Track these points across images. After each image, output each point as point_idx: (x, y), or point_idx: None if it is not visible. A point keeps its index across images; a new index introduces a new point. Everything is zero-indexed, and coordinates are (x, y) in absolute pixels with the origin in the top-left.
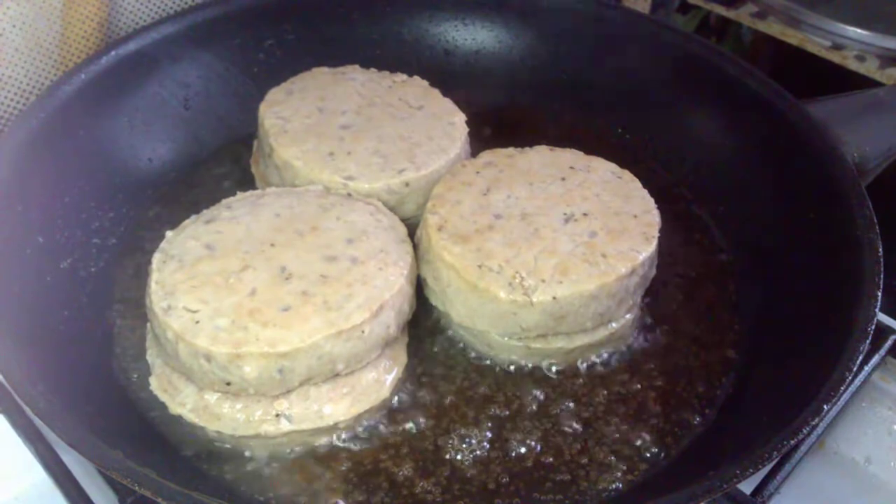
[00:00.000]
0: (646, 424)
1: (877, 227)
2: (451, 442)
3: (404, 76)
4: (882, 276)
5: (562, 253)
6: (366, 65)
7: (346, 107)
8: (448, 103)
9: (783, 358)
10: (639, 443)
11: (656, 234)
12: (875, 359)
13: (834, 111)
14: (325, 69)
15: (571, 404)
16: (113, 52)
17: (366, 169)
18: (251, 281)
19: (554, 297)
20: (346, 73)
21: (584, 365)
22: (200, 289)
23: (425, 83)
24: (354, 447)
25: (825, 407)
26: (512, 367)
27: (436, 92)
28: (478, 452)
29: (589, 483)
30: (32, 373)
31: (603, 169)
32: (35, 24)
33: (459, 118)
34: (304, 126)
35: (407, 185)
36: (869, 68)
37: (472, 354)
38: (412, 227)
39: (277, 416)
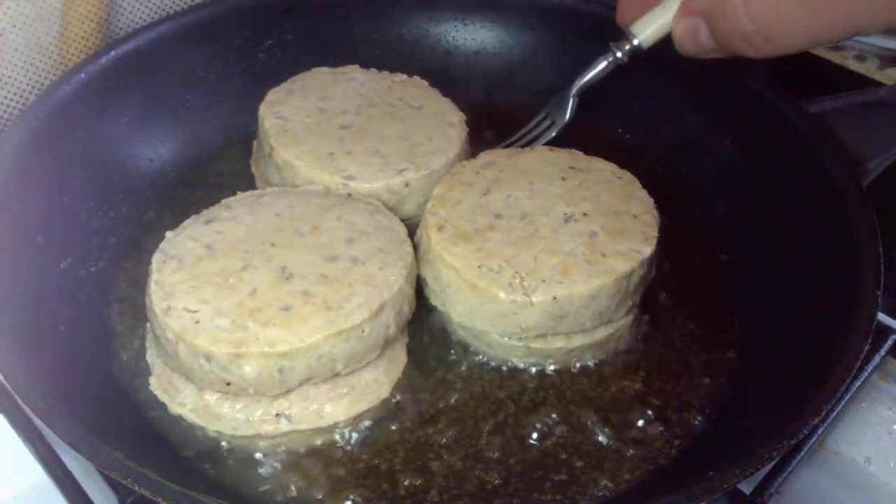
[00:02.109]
0: (646, 424)
1: (877, 227)
2: (450, 442)
3: (404, 76)
4: (882, 276)
5: (562, 253)
6: (366, 65)
7: (347, 107)
8: (447, 103)
9: (783, 358)
10: (639, 443)
11: (656, 235)
12: (875, 359)
13: (834, 111)
14: (325, 69)
15: (571, 405)
16: (112, 52)
17: (366, 169)
18: (251, 281)
19: (554, 298)
20: (347, 73)
21: (584, 365)
22: (200, 289)
23: (425, 83)
24: (354, 447)
25: (825, 407)
26: (512, 367)
27: (435, 92)
28: (477, 452)
29: (588, 483)
30: (32, 373)
31: (603, 169)
32: (34, 24)
33: (459, 118)
34: (304, 126)
35: (407, 185)
36: (869, 68)
37: (472, 354)
38: (412, 227)
39: (277, 415)
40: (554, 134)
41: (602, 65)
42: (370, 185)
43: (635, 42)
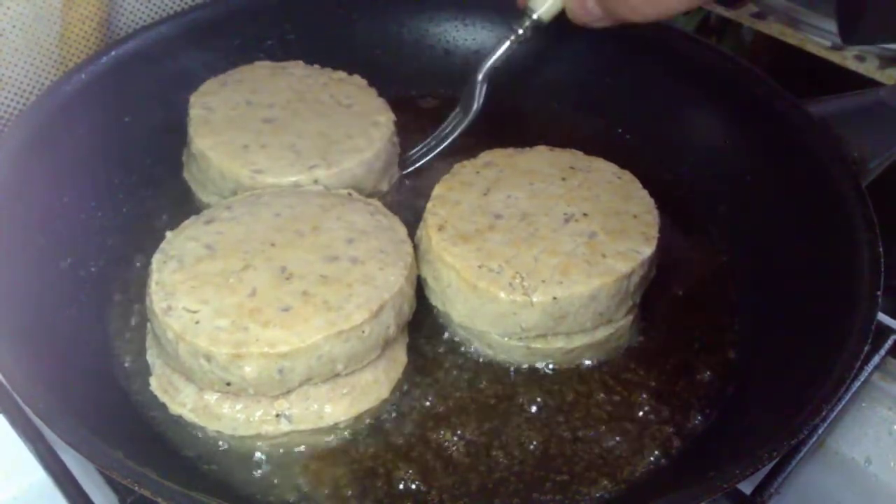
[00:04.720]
0: (645, 425)
1: (877, 228)
2: (450, 442)
3: (343, 74)
4: (882, 277)
5: (562, 253)
6: (367, 65)
7: (275, 101)
8: (380, 103)
9: (783, 358)
10: (639, 443)
11: (656, 235)
12: (875, 359)
13: (834, 111)
14: (267, 63)
15: (571, 404)
16: (112, 52)
17: (276, 163)
18: (251, 281)
19: (554, 298)
20: (287, 68)
21: (584, 365)
22: (200, 289)
23: (364, 82)
24: (354, 447)
25: (825, 407)
26: (512, 368)
27: (371, 91)
28: (477, 452)
29: (588, 483)
30: (32, 373)
31: (603, 169)
32: (35, 24)
33: (386, 118)
34: (227, 118)
35: (316, 181)
36: (869, 68)
37: (472, 355)
38: None
39: (277, 416)
40: (467, 121)
41: (505, 44)
42: (276, 180)
43: (535, 17)
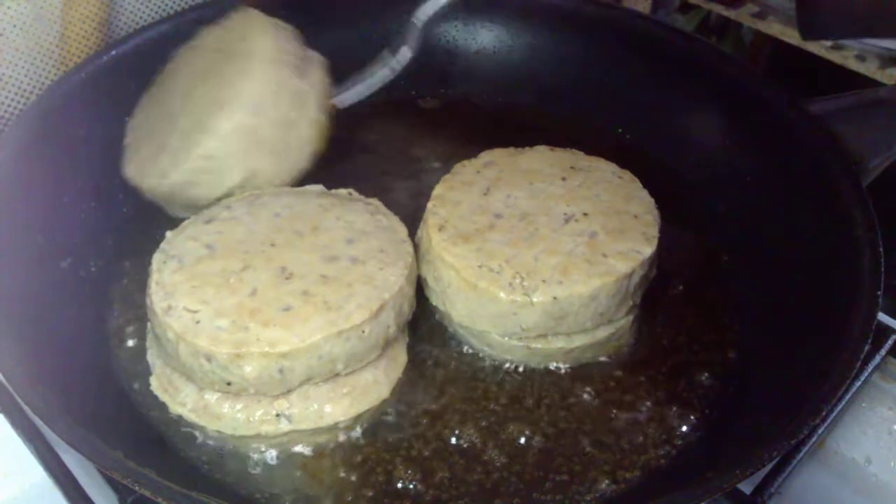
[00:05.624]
0: (645, 424)
1: (877, 227)
2: (450, 442)
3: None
4: (882, 276)
5: (562, 253)
6: (365, 64)
7: None
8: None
9: (783, 358)
10: (638, 443)
11: (656, 235)
12: (875, 359)
13: (834, 111)
14: None
15: (571, 404)
16: (112, 52)
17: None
18: (251, 281)
19: (554, 298)
20: None
21: (584, 365)
22: (201, 289)
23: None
24: (354, 447)
25: (825, 407)
26: (512, 368)
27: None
28: (477, 452)
29: (588, 483)
30: (32, 373)
31: (603, 169)
32: (35, 24)
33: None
34: None
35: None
36: (869, 68)
37: (472, 354)
38: None
39: (278, 415)
40: (399, 68)
41: None
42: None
43: None
